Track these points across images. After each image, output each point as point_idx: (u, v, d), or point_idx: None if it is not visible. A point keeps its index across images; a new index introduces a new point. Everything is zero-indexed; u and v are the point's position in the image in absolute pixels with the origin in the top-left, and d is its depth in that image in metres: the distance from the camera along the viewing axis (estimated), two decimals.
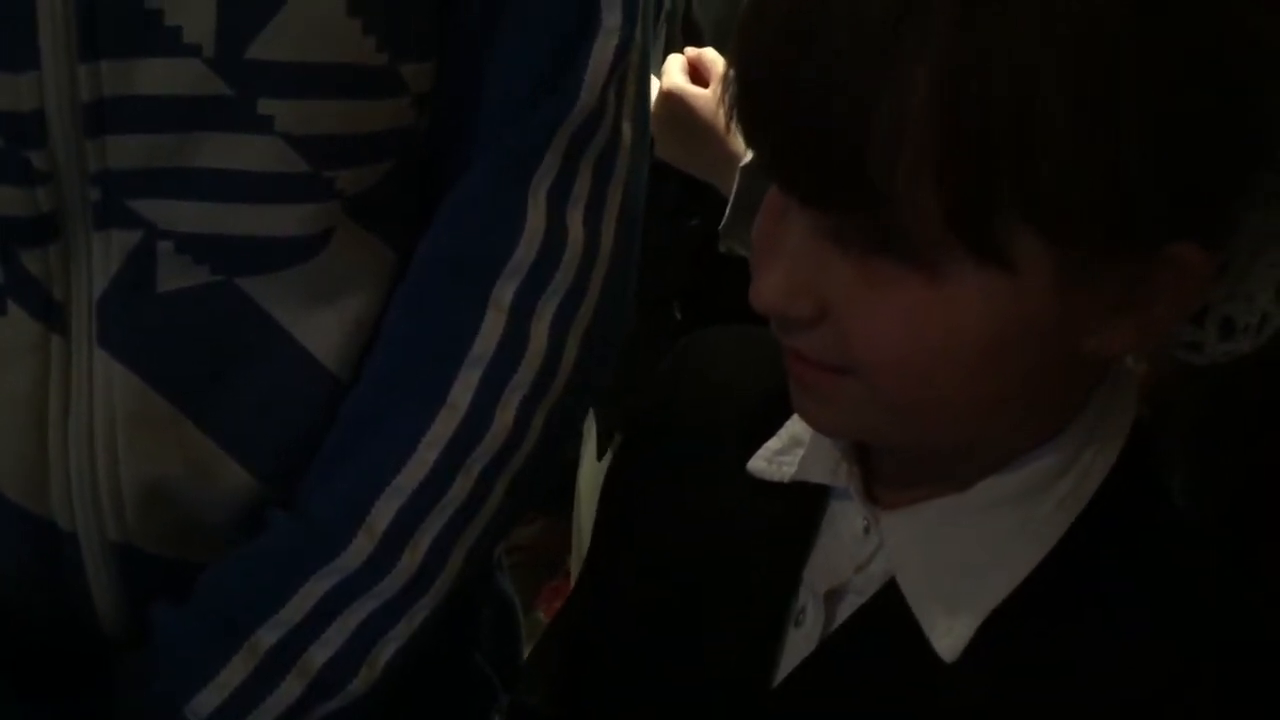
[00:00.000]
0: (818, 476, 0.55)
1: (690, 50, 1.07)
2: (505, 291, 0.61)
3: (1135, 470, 0.50)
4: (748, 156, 0.99)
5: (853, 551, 0.53)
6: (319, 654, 0.61)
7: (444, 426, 0.61)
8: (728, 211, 1.00)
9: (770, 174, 0.46)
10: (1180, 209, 0.42)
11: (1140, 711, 0.47)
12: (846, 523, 0.54)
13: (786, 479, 0.56)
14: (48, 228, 0.56)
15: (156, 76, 0.54)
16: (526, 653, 0.81)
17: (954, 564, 0.50)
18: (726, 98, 0.46)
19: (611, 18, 0.61)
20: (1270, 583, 0.49)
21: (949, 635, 0.49)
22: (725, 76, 0.46)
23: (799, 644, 0.54)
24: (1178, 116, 0.41)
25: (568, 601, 0.72)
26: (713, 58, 1.05)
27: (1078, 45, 0.39)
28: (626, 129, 0.64)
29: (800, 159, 0.43)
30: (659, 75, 1.06)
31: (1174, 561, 0.49)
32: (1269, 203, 0.46)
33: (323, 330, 0.62)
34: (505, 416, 0.61)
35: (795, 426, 0.57)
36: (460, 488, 0.61)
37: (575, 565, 1.46)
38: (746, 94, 0.44)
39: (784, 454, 0.57)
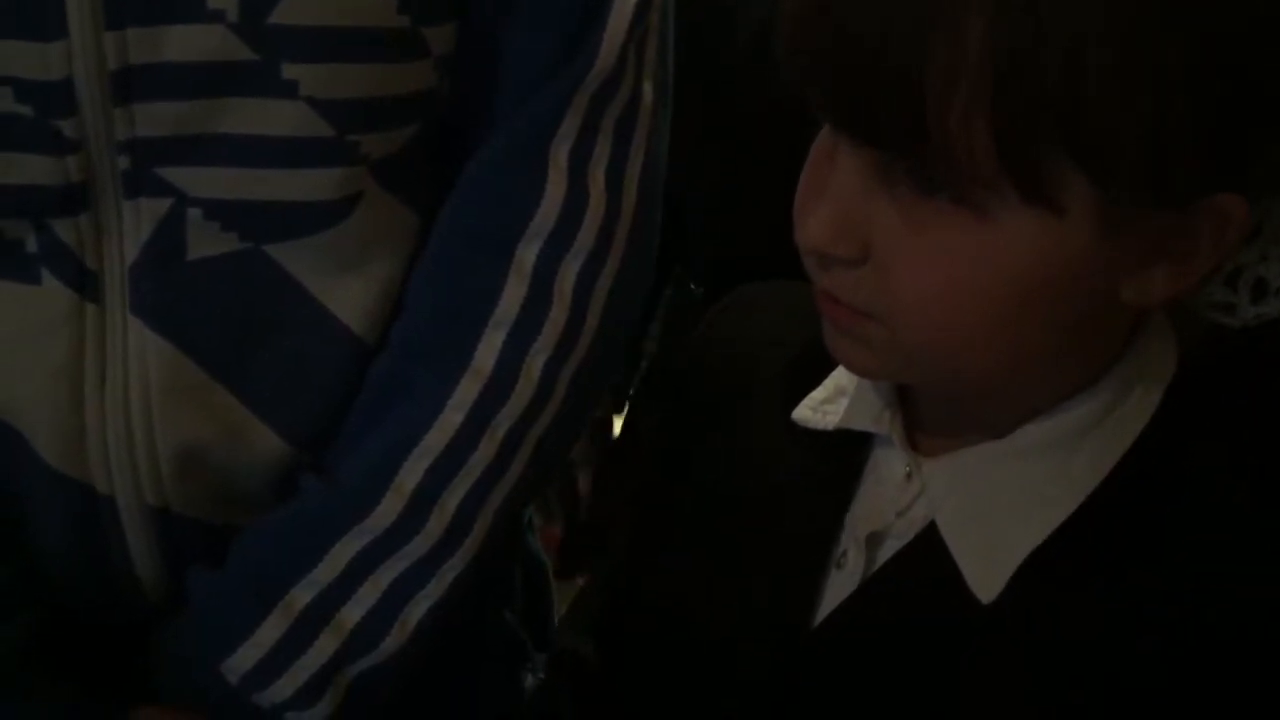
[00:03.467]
0: (861, 424, 0.56)
1: None
2: (528, 254, 0.62)
3: (1175, 418, 0.50)
4: None
5: (894, 497, 0.54)
6: (352, 613, 0.62)
7: (469, 388, 0.61)
8: None
9: (822, 113, 0.47)
10: (1223, 160, 0.43)
11: (1177, 655, 0.47)
12: (889, 469, 0.55)
13: (830, 427, 0.57)
14: (79, 197, 0.57)
15: (182, 43, 0.55)
16: (558, 613, 0.82)
17: (992, 508, 0.51)
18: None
19: None
20: None
21: (986, 577, 0.50)
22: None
23: (840, 586, 0.55)
24: (1225, 71, 0.41)
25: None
26: None
27: None
28: (647, 89, 0.64)
29: (854, 98, 0.44)
30: None
31: (1210, 509, 0.49)
32: None
33: (350, 296, 0.62)
34: (530, 377, 0.62)
35: (840, 376, 0.58)
36: (487, 448, 0.62)
37: None
38: (803, 32, 0.45)
39: (829, 403, 0.58)
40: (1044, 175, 0.42)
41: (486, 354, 0.62)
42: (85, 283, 0.59)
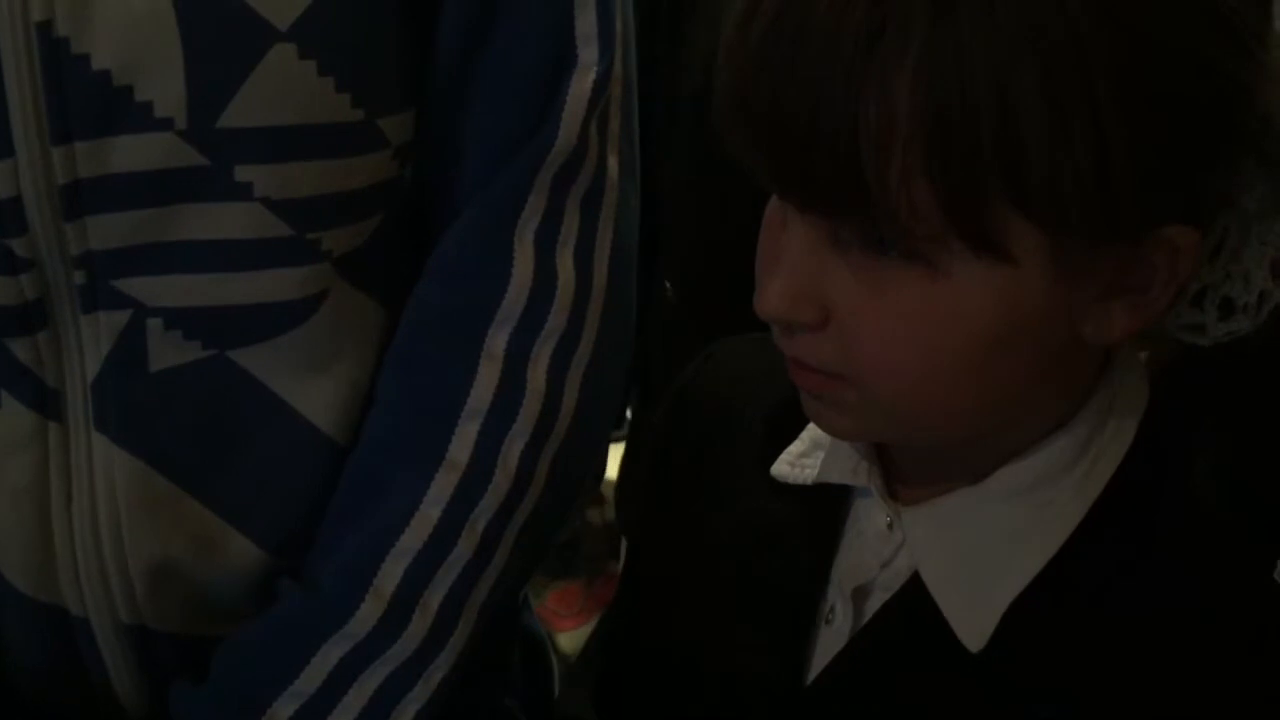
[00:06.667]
0: (839, 477, 0.56)
1: None
2: (498, 340, 0.60)
3: (1151, 450, 0.50)
4: None
5: (877, 548, 0.54)
6: None
7: (445, 484, 0.60)
8: None
9: (766, 183, 0.47)
10: (1166, 192, 0.43)
11: (1167, 689, 0.47)
12: (870, 521, 0.55)
13: (809, 481, 0.56)
14: (35, 315, 0.56)
15: (131, 153, 0.54)
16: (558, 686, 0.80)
17: (975, 554, 0.50)
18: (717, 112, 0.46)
19: (588, 53, 0.60)
20: None
21: (973, 625, 0.50)
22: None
23: (830, 642, 0.54)
24: (1156, 102, 0.41)
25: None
26: None
27: (1052, 38, 0.40)
28: (612, 164, 0.63)
29: (794, 167, 0.44)
30: None
31: (1193, 539, 0.49)
32: (1254, 184, 0.47)
33: (319, 396, 0.61)
34: (507, 468, 0.60)
35: (815, 430, 0.57)
36: (466, 544, 0.60)
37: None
38: (737, 108, 0.45)
39: (806, 457, 0.57)
40: (990, 226, 0.42)
41: (461, 446, 0.60)
42: (46, 401, 0.58)
